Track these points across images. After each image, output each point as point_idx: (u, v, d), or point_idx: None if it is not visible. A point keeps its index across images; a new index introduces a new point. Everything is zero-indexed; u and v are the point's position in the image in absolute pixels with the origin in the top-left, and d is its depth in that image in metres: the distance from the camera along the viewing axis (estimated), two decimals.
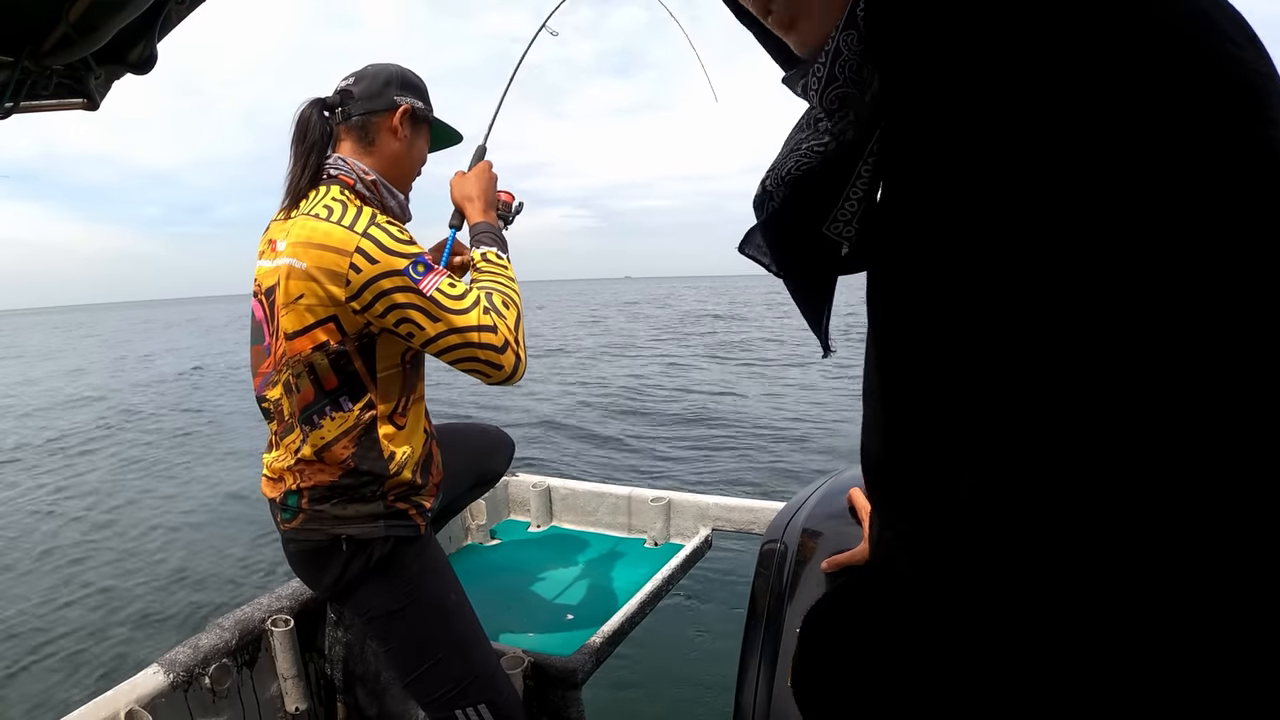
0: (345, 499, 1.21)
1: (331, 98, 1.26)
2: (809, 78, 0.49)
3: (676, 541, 2.09)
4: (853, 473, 1.08)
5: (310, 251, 1.13)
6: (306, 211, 1.18)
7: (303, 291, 1.14)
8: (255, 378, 1.28)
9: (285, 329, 1.17)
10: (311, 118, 1.23)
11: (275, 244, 1.21)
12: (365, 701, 1.60)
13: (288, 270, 1.15)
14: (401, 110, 1.27)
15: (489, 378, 1.18)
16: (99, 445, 7.82)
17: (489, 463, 1.66)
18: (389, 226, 1.15)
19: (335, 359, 1.17)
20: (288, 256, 1.15)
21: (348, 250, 1.11)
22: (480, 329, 1.16)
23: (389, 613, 1.25)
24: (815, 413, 8.14)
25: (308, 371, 1.18)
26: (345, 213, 1.15)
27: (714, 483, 5.47)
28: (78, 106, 1.12)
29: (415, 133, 1.30)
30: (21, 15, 0.92)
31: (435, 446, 1.34)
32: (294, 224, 1.17)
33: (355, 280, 1.11)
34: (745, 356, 13.30)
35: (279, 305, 1.17)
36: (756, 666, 0.95)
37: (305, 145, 1.22)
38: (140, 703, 1.30)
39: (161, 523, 5.17)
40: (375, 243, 1.12)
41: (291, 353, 1.18)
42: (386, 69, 1.28)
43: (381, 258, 1.12)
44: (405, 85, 1.28)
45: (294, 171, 1.22)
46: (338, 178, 1.22)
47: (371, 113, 1.25)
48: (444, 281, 1.16)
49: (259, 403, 1.28)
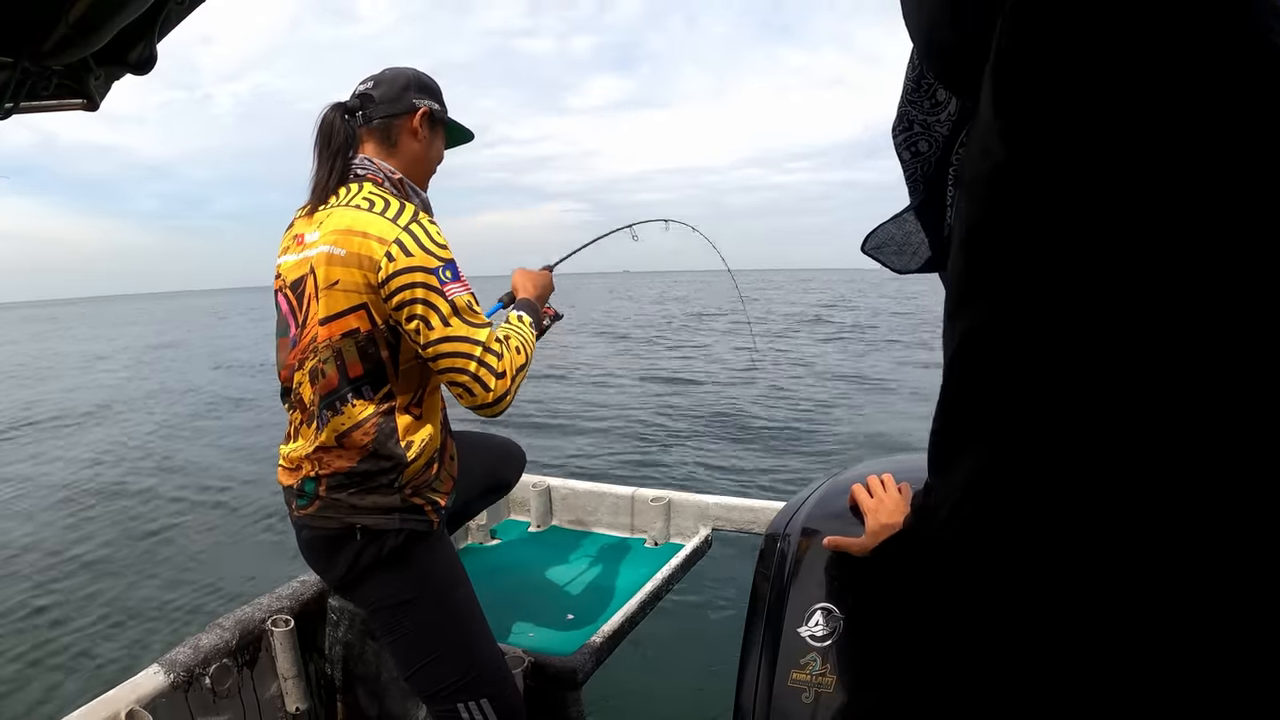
0: (363, 488, 1.22)
1: (351, 101, 1.30)
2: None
3: (677, 541, 2.09)
4: (853, 472, 1.09)
5: (352, 239, 1.17)
6: (345, 203, 1.21)
7: (339, 277, 1.17)
8: (281, 370, 1.30)
9: (319, 314, 1.20)
10: (335, 122, 1.26)
11: (302, 238, 1.24)
12: (365, 701, 1.61)
13: (326, 257, 1.18)
14: (421, 113, 1.31)
15: (472, 397, 1.18)
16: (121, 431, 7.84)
17: (502, 471, 1.68)
18: (430, 225, 1.19)
19: (364, 346, 1.19)
20: (325, 244, 1.19)
21: (388, 239, 1.15)
22: (487, 349, 1.18)
23: (396, 604, 1.26)
24: (816, 413, 8.14)
25: (335, 358, 1.20)
26: (389, 207, 1.19)
27: (714, 482, 5.47)
28: (77, 107, 1.12)
29: (433, 133, 1.35)
30: (21, 15, 0.92)
31: (451, 441, 1.35)
32: (330, 215, 1.21)
33: (387, 268, 1.15)
34: (746, 355, 13.31)
35: (311, 293, 1.21)
36: (757, 665, 0.95)
37: (332, 149, 1.25)
38: (141, 703, 1.31)
39: (164, 520, 5.17)
40: (414, 238, 1.16)
41: (322, 338, 1.20)
42: (404, 73, 1.32)
43: (417, 252, 1.15)
44: (422, 88, 1.32)
45: (320, 174, 1.26)
46: (367, 176, 1.26)
47: (392, 116, 1.29)
48: (468, 295, 1.19)
49: (284, 395, 1.30)
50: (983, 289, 0.41)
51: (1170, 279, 0.34)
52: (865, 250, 0.67)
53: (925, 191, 0.57)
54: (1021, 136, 0.37)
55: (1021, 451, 0.39)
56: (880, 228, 0.64)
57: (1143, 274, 0.34)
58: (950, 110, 0.53)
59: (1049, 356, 0.37)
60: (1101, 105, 0.34)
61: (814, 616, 0.94)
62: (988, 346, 0.41)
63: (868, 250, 0.67)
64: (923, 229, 0.61)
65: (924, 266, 0.64)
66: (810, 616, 0.94)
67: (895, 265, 0.66)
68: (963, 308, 0.43)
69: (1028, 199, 0.37)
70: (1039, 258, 0.37)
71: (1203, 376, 0.34)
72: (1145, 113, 0.33)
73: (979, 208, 0.41)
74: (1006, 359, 0.39)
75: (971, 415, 0.42)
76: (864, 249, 0.67)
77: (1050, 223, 0.36)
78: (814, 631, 0.93)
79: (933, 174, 0.57)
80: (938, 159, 0.56)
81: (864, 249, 0.67)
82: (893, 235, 0.64)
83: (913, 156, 0.57)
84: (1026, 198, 0.37)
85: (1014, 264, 0.38)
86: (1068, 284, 0.36)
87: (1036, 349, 0.38)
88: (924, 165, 0.57)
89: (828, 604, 0.94)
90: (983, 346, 0.41)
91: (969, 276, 0.42)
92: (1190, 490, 0.34)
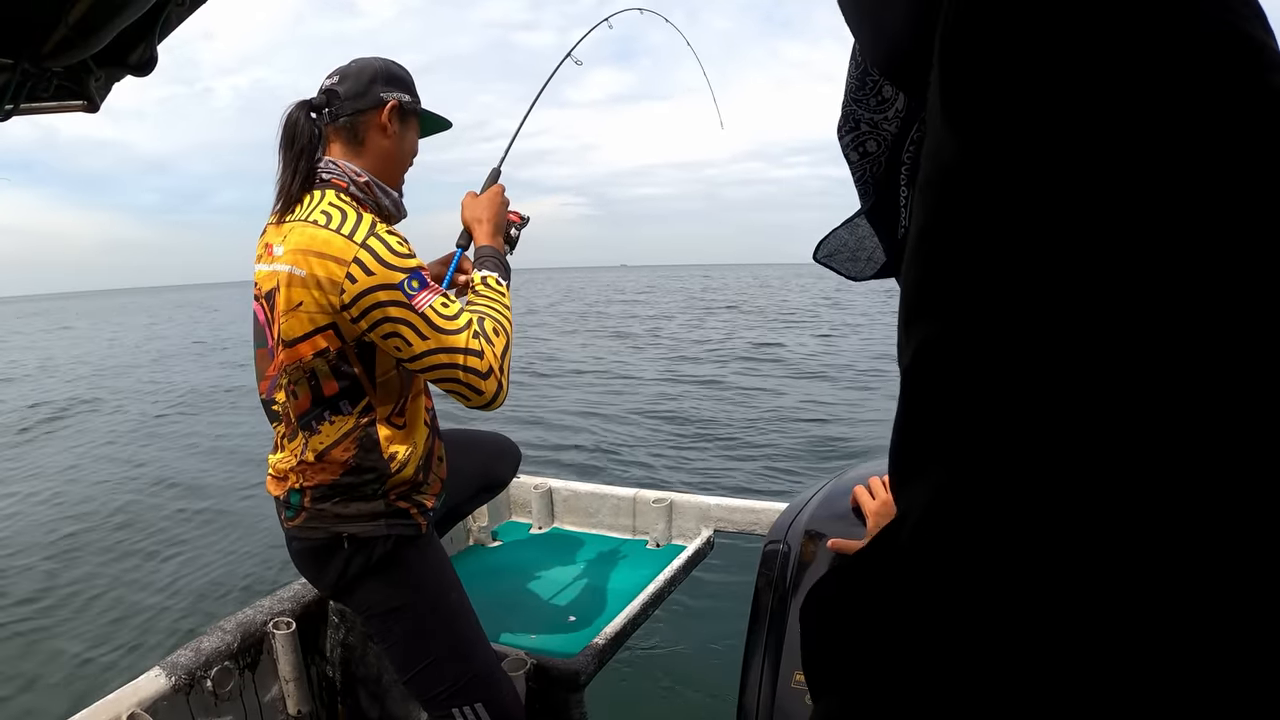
0: (347, 497, 1.21)
1: (317, 98, 1.24)
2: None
3: (679, 543, 2.09)
4: (855, 473, 1.08)
5: (309, 259, 1.13)
6: (303, 217, 1.17)
7: (302, 299, 1.14)
8: (262, 381, 1.28)
9: (285, 335, 1.17)
10: (299, 121, 1.21)
11: (271, 248, 1.20)
12: (367, 704, 1.60)
13: (288, 278, 1.15)
14: (389, 106, 1.25)
15: (469, 401, 1.18)
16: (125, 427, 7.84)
17: (495, 469, 1.66)
18: (388, 237, 1.14)
19: (336, 365, 1.17)
20: (286, 263, 1.15)
21: (345, 260, 1.11)
22: (467, 352, 1.15)
23: (389, 610, 1.26)
24: (816, 412, 8.13)
25: (307, 379, 1.18)
26: (345, 220, 1.14)
27: (716, 483, 5.47)
28: (78, 108, 1.12)
29: (404, 127, 1.29)
30: (21, 17, 0.92)
31: (439, 443, 1.33)
32: (291, 230, 1.17)
33: (350, 290, 1.11)
34: (747, 353, 13.31)
35: (279, 311, 1.17)
36: (759, 667, 0.95)
37: (295, 150, 1.20)
38: (142, 705, 1.30)
39: (164, 523, 5.17)
40: (373, 254, 1.12)
41: (292, 359, 1.18)
42: (370, 64, 1.26)
43: (378, 270, 1.11)
44: (390, 80, 1.26)
45: (284, 177, 1.20)
46: (330, 182, 1.21)
47: (359, 112, 1.23)
48: (437, 300, 1.15)
49: (266, 406, 1.28)
50: (938, 297, 0.38)
51: (1135, 281, 0.32)
52: (818, 259, 0.63)
53: (876, 194, 0.55)
54: (972, 125, 0.35)
55: (982, 471, 0.37)
56: (833, 234, 0.61)
57: (1107, 278, 0.33)
58: (898, 107, 0.51)
59: (1009, 369, 0.35)
60: (1055, 89, 0.33)
61: None
62: (944, 359, 0.39)
63: (820, 259, 0.63)
64: (875, 233, 0.58)
65: (879, 272, 0.61)
66: None
67: (849, 272, 0.63)
68: (917, 317, 0.40)
69: (981, 199, 0.35)
70: (996, 262, 0.35)
71: (1174, 384, 0.32)
72: (1103, 97, 0.32)
73: (929, 210, 0.39)
74: (964, 372, 0.37)
75: (929, 432, 0.40)
76: (816, 257, 0.63)
77: (1006, 224, 0.35)
78: None
79: (883, 175, 0.54)
80: (888, 159, 0.54)
81: (816, 257, 0.63)
82: (845, 241, 0.61)
83: (861, 158, 0.54)
84: (980, 197, 0.35)
85: (970, 270, 0.36)
86: (1028, 290, 0.34)
87: (995, 361, 0.36)
88: (873, 165, 0.54)
89: None
90: (939, 359, 0.39)
91: (922, 284, 0.40)
92: (1159, 505, 0.33)
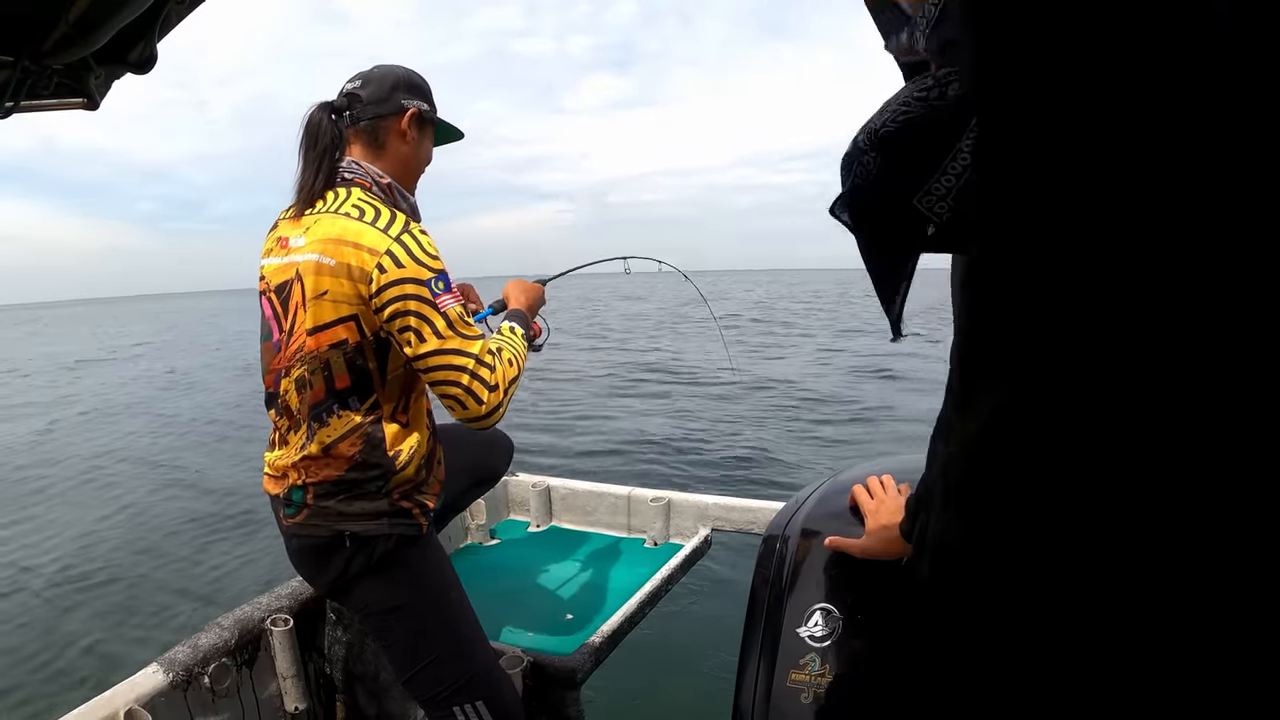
0: (351, 495, 1.21)
1: (339, 101, 1.26)
2: (915, 19, 0.45)
3: (676, 541, 2.09)
4: (853, 473, 1.09)
5: (342, 249, 1.14)
6: (333, 210, 1.18)
7: (329, 288, 1.15)
8: (267, 374, 1.28)
9: (307, 324, 1.18)
10: (322, 122, 1.23)
11: (287, 241, 1.22)
12: (364, 701, 1.61)
13: (315, 266, 1.16)
14: (409, 114, 1.27)
15: (465, 409, 1.18)
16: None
17: (488, 461, 1.66)
18: (421, 236, 1.17)
19: (351, 358, 1.18)
20: (313, 252, 1.16)
21: (378, 251, 1.13)
22: (480, 362, 1.17)
23: (388, 609, 1.26)
24: (817, 411, 8.14)
25: (322, 369, 1.19)
26: (379, 216, 1.17)
27: (714, 481, 5.47)
28: (78, 106, 1.12)
29: (422, 135, 1.31)
30: (22, 14, 0.92)
31: (439, 446, 1.34)
32: (317, 222, 1.18)
33: (379, 280, 1.13)
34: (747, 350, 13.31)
35: (298, 301, 1.18)
36: (756, 666, 0.95)
37: (317, 150, 1.22)
38: (140, 702, 1.31)
39: (164, 521, 5.17)
40: (406, 249, 1.14)
41: (310, 348, 1.18)
42: (392, 71, 1.28)
43: (409, 264, 1.13)
44: (411, 88, 1.29)
45: (306, 175, 1.22)
46: (354, 181, 1.23)
47: (380, 117, 1.25)
48: (459, 307, 1.18)
49: (270, 400, 1.28)
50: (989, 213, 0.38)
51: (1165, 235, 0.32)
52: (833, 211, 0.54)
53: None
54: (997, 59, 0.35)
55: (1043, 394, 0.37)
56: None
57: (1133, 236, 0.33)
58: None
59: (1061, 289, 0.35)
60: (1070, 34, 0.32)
61: (813, 617, 0.94)
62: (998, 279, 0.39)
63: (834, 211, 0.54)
64: None
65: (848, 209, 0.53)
66: (809, 617, 0.94)
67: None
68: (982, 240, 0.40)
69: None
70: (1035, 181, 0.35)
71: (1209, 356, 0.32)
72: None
73: None
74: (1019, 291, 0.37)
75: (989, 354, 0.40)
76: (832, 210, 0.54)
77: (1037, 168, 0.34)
78: (813, 632, 0.93)
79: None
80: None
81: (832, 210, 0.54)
82: None
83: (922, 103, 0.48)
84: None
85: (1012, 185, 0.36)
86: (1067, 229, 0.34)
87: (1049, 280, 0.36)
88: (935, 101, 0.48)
89: (827, 604, 0.94)
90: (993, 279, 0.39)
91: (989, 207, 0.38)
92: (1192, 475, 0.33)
